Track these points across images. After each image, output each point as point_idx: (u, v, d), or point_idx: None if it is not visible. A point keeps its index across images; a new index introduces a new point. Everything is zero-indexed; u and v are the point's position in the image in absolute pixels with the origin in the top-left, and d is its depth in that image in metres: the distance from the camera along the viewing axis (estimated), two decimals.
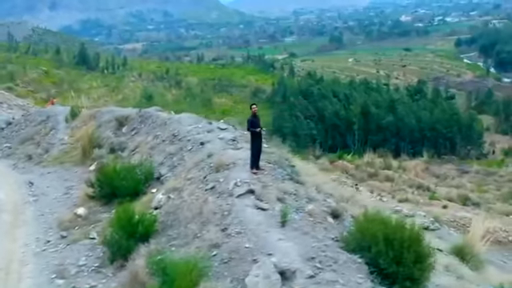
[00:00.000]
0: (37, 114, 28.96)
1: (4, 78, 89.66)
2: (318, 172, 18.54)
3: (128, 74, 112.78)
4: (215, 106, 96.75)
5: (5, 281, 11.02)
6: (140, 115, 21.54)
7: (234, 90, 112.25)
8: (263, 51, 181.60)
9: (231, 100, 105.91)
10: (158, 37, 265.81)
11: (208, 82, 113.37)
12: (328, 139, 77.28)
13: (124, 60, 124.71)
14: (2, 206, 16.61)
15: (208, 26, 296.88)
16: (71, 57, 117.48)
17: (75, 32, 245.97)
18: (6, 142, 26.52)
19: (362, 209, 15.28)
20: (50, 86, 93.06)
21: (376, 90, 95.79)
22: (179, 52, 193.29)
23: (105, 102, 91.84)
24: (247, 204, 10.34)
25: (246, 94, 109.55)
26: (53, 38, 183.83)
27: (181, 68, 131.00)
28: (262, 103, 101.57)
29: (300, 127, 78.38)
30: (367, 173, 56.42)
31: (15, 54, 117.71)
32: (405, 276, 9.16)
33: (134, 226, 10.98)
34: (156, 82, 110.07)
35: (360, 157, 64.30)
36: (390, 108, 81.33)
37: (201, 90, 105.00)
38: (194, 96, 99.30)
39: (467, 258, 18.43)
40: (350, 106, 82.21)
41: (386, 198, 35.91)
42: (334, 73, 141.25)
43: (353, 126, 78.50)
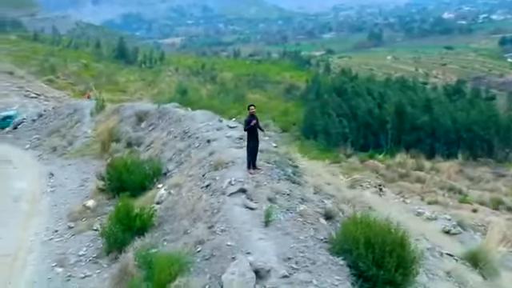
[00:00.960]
0: (65, 107, 30.09)
1: (46, 71, 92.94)
2: (325, 172, 18.49)
3: (165, 69, 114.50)
4: (248, 102, 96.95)
5: (10, 266, 11.70)
6: (158, 111, 22.08)
7: (268, 86, 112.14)
8: (300, 47, 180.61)
9: (265, 96, 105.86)
10: (197, 31, 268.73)
11: (242, 78, 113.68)
12: (360, 138, 76.30)
13: (161, 54, 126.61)
14: (22, 195, 17.52)
15: (247, 22, 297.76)
16: (111, 51, 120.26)
17: (117, 26, 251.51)
18: (35, 134, 27.72)
19: (366, 210, 15.34)
20: (88, 79, 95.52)
21: (412, 89, 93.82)
22: (217, 47, 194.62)
23: (140, 95, 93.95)
24: (236, 203, 10.59)
25: (279, 90, 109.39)
26: (95, 32, 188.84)
27: (217, 63, 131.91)
28: (296, 100, 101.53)
29: (332, 125, 77.69)
30: (398, 173, 55.79)
31: (58, 47, 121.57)
32: (386, 280, 9.19)
33: (131, 219, 11.41)
34: (191, 76, 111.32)
35: (392, 157, 63.54)
36: (425, 107, 79.54)
37: (235, 85, 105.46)
38: (228, 91, 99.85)
39: (480, 264, 18.12)
40: (384, 105, 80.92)
41: (409, 199, 35.46)
42: (371, 70, 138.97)
43: (386, 125, 77.23)
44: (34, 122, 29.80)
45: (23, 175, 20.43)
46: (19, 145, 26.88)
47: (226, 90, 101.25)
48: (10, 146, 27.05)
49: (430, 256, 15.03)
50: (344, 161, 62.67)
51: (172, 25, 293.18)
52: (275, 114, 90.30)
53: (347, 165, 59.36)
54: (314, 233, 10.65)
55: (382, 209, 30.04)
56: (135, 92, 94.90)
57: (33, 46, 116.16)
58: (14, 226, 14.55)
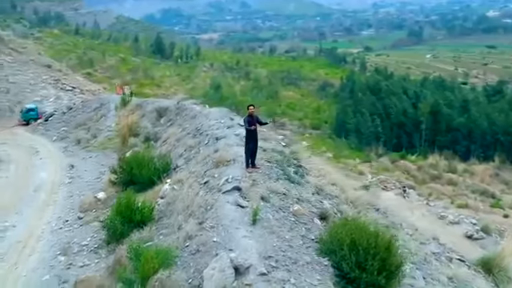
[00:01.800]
0: (93, 101, 31.07)
1: (85, 64, 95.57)
2: (336, 171, 18.52)
3: (200, 64, 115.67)
4: (281, 99, 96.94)
5: (19, 253, 12.40)
6: (177, 108, 22.56)
7: (302, 84, 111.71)
8: (337, 44, 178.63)
9: (298, 93, 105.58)
10: (235, 27, 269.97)
11: (277, 74, 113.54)
12: (393, 138, 75.29)
13: (197, 50, 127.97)
14: (42, 185, 18.37)
15: (284, 18, 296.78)
16: (148, 45, 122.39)
17: (156, 21, 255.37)
18: (63, 126, 28.81)
19: (369, 212, 15.35)
20: (125, 73, 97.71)
21: (449, 89, 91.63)
22: (253, 43, 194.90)
23: (175, 90, 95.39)
24: (229, 200, 10.85)
25: (314, 87, 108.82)
26: (134, 27, 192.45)
27: (252, 59, 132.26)
28: (329, 98, 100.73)
29: (364, 124, 76.88)
30: (429, 175, 54.81)
31: (97, 41, 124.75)
32: (369, 282, 9.29)
33: (132, 212, 11.85)
34: (226, 72, 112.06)
35: (424, 158, 62.44)
36: (462, 108, 77.65)
37: (269, 81, 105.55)
38: (261, 88, 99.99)
39: (494, 271, 17.82)
40: (419, 105, 79.43)
41: (434, 202, 34.91)
42: (409, 69, 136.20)
43: (420, 125, 75.86)
44: (64, 115, 30.95)
45: (47, 166, 21.38)
46: (48, 136, 28.06)
47: (260, 86, 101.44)
48: (39, 137, 28.28)
49: (434, 260, 14.95)
50: (375, 160, 62.03)
51: (210, 20, 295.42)
52: (307, 112, 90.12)
53: (377, 164, 58.77)
54: (305, 232, 10.82)
55: (402, 211, 29.86)
56: (170, 87, 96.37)
57: (74, 40, 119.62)
58: (29, 215, 15.34)
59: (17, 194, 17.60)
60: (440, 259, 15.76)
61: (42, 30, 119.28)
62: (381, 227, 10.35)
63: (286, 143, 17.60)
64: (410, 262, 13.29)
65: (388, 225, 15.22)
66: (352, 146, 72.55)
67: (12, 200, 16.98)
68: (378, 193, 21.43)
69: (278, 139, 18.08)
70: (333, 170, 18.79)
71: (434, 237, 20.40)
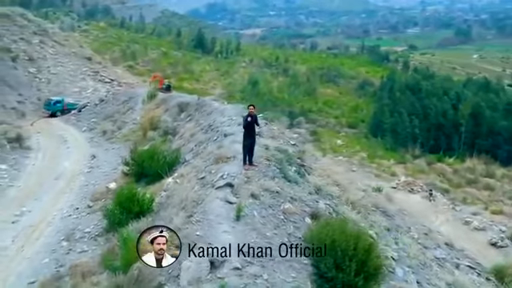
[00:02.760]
0: (122, 94, 32.12)
1: (127, 57, 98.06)
2: (346, 171, 18.55)
3: (239, 60, 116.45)
4: (319, 96, 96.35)
5: (28, 236, 13.23)
6: (197, 103, 23.10)
7: (341, 81, 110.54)
8: (381, 42, 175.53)
9: (337, 91, 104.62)
10: (278, 23, 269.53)
11: (316, 71, 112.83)
12: (430, 139, 73.69)
13: (237, 45, 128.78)
14: (63, 173, 19.34)
15: (329, 14, 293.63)
16: (190, 40, 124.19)
17: (201, 15, 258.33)
18: (94, 117, 29.98)
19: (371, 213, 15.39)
20: (166, 67, 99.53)
21: (494, 91, 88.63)
22: (295, 39, 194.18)
23: (213, 85, 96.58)
24: (219, 196, 11.21)
25: (353, 85, 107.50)
26: (179, 21, 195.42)
27: (292, 55, 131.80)
28: (368, 97, 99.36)
29: (401, 124, 75.59)
30: (466, 179, 53.44)
31: (141, 35, 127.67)
32: (345, 282, 9.46)
33: (131, 203, 12.41)
34: (265, 68, 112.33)
35: (462, 161, 60.87)
36: (506, 111, 75.09)
37: (307, 78, 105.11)
38: (299, 84, 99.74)
39: (507, 280, 17.56)
40: (460, 106, 77.33)
41: (460, 207, 34.13)
42: (454, 69, 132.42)
43: (460, 127, 73.91)
44: (96, 107, 32.17)
45: (71, 155, 22.42)
46: (78, 127, 29.30)
47: (297, 83, 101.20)
48: (71, 127, 29.57)
49: (435, 265, 14.86)
50: (410, 162, 60.98)
51: (254, 16, 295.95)
52: (345, 110, 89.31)
53: (412, 166, 57.78)
54: (293, 230, 11.07)
55: (425, 215, 29.47)
56: (209, 81, 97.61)
57: (119, 33, 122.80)
58: (45, 201, 16.25)
59: (39, 181, 18.63)
60: (444, 265, 15.63)
61: (89, 23, 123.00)
62: (363, 230, 10.40)
63: (295, 142, 17.78)
64: (406, 265, 13.34)
65: (389, 227, 15.24)
66: (387, 146, 71.41)
67: (34, 187, 18.00)
68: (391, 195, 21.26)
69: (288, 138, 18.29)
70: (343, 169, 18.79)
71: (448, 242, 20.18)
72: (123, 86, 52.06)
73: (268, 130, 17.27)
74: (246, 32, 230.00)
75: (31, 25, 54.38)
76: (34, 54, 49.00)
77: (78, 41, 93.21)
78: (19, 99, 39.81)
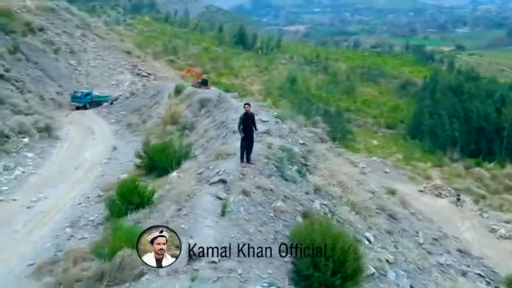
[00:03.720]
0: (151, 88, 32.96)
1: (169, 52, 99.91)
2: (357, 173, 18.49)
3: (280, 56, 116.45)
4: (358, 95, 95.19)
5: (38, 222, 14.03)
6: (217, 100, 23.51)
7: (382, 81, 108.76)
8: (428, 42, 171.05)
9: (377, 90, 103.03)
10: (323, 20, 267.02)
11: (357, 70, 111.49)
12: (471, 143, 71.54)
13: (278, 42, 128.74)
14: (83, 163, 20.21)
15: (375, 12, 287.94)
16: (231, 35, 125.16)
17: (246, 11, 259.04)
18: (123, 110, 30.98)
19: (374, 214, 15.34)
20: (206, 62, 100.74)
21: None
22: (339, 37, 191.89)
23: (251, 81, 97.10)
24: (209, 191, 11.55)
25: (394, 85, 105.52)
26: (223, 17, 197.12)
27: (333, 53, 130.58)
28: (409, 97, 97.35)
29: (440, 126, 73.73)
30: (504, 185, 51.80)
31: (184, 30, 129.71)
32: (322, 281, 9.61)
33: (132, 195, 12.93)
34: (304, 65, 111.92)
35: (502, 167, 58.90)
36: None
37: (347, 77, 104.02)
38: (338, 83, 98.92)
39: None
40: (504, 110, 74.65)
41: (487, 214, 33.20)
42: (502, 71, 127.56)
43: (502, 131, 71.40)
44: (127, 100, 33.20)
45: (95, 146, 23.35)
46: (108, 119, 30.37)
47: (336, 81, 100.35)
48: (101, 119, 30.68)
49: (435, 271, 14.71)
50: (447, 165, 59.56)
51: (298, 12, 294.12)
52: (384, 110, 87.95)
53: (449, 170, 56.43)
54: (281, 228, 11.30)
55: (450, 220, 28.85)
56: (247, 77, 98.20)
57: (162, 28, 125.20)
58: (61, 189, 17.09)
59: (60, 170, 19.56)
60: (447, 271, 15.42)
61: (134, 17, 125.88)
62: (344, 231, 10.48)
63: (304, 142, 17.88)
64: (402, 269, 13.30)
65: (391, 230, 15.15)
66: (425, 148, 69.89)
67: (54, 175, 18.93)
68: (406, 198, 21.01)
69: (300, 137, 18.42)
70: (353, 170, 18.73)
71: (462, 249, 19.82)
72: (159, 80, 53.23)
73: (278, 129, 17.45)
74: (290, 29, 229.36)
75: (74, 18, 56.33)
76: (75, 46, 50.78)
77: (122, 34, 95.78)
78: (58, 90, 41.47)
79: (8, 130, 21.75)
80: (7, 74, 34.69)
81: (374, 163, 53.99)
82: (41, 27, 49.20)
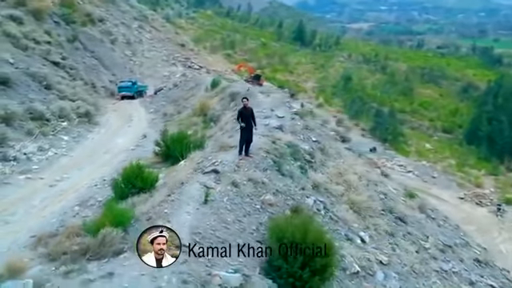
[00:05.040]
0: (191, 80, 33.94)
1: (226, 46, 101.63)
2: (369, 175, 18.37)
3: (338, 54, 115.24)
4: (416, 97, 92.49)
5: (54, 199, 15.11)
6: (245, 94, 23.96)
7: (443, 83, 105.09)
8: (498, 44, 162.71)
9: (437, 92, 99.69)
10: (388, 18, 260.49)
11: (417, 70, 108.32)
12: None
13: (337, 39, 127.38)
14: (112, 149, 21.41)
15: (444, 11, 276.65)
16: (290, 32, 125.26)
17: (310, 8, 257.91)
18: (163, 101, 32.22)
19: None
20: (262, 57, 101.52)
21: None
22: (404, 36, 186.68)
23: (306, 78, 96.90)
24: (199, 180, 12.07)
25: (456, 88, 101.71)
26: (285, 12, 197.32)
27: (394, 52, 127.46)
28: (471, 101, 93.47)
29: (499, 133, 70.51)
30: None
31: (245, 25, 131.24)
32: (290, 273, 9.91)
33: (136, 179, 13.70)
34: (362, 64, 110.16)
35: None
36: None
37: (405, 77, 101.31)
38: (396, 83, 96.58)
39: None
40: None
41: None
42: None
43: None
44: (169, 91, 34.46)
45: (128, 133, 24.56)
46: (148, 108, 31.70)
47: (394, 81, 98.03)
48: (142, 108, 32.06)
49: (436, 277, 14.54)
50: (503, 174, 57.14)
51: (363, 10, 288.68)
52: (442, 113, 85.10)
53: (505, 179, 54.19)
54: (266, 220, 11.66)
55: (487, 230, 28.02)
56: (302, 74, 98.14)
57: (223, 22, 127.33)
58: (86, 171, 18.24)
59: (90, 154, 20.82)
60: (450, 278, 15.13)
61: (197, 11, 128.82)
62: (321, 228, 10.63)
63: (317, 139, 18.02)
64: (394, 271, 13.27)
65: (393, 232, 15.05)
66: (481, 155, 67.15)
67: (83, 158, 20.19)
68: (425, 202, 20.60)
69: (313, 134, 18.57)
70: (365, 170, 18.63)
71: (482, 259, 19.23)
72: (211, 73, 54.56)
73: (291, 125, 17.72)
74: (353, 26, 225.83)
75: (133, 10, 58.79)
76: (131, 37, 53.09)
77: (182, 27, 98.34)
78: (112, 79, 43.61)
79: (49, 114, 23.32)
80: (63, 62, 36.82)
81: (422, 167, 52.75)
82: (100, 18, 51.74)
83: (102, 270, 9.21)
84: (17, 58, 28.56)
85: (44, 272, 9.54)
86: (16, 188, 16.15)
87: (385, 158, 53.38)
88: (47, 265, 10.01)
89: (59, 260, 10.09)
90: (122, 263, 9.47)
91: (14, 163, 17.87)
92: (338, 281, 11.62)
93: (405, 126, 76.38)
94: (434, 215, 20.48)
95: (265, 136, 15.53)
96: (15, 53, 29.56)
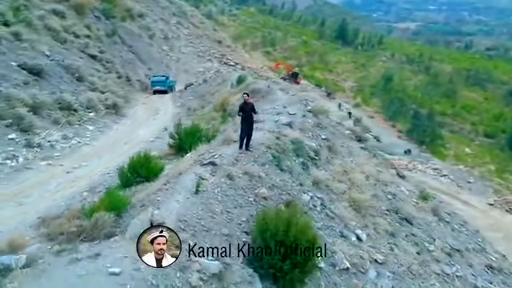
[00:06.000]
0: (220, 76, 34.48)
1: (267, 43, 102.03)
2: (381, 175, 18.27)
3: (380, 53, 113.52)
4: (459, 99, 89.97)
5: (67, 185, 15.93)
6: (266, 91, 24.29)
7: (490, 86, 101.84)
8: None
9: (482, 96, 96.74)
10: (436, 18, 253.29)
11: (462, 73, 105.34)
12: None
13: (380, 38, 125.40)
14: (132, 140, 22.20)
15: (496, 12, 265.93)
16: (332, 30, 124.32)
17: (355, 6, 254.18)
18: (191, 95, 32.94)
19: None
20: (302, 55, 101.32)
21: None
22: (452, 36, 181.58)
23: (346, 77, 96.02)
24: (195, 171, 12.47)
25: (501, 91, 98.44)
26: (330, 10, 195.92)
27: (439, 53, 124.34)
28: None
29: None
30: None
31: (287, 22, 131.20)
32: (270, 264, 10.20)
33: (141, 168, 14.28)
34: (405, 64, 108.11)
35: None
36: None
37: (449, 79, 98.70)
38: (439, 84, 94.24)
39: None
40: None
41: None
42: None
43: None
44: (199, 86, 35.17)
45: (152, 125, 25.35)
46: (176, 102, 32.51)
47: (437, 82, 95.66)
48: (170, 102, 32.92)
49: (435, 279, 14.44)
50: None
51: (411, 9, 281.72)
52: (485, 117, 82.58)
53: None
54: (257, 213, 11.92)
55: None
56: (341, 73, 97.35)
57: (265, 19, 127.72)
58: (103, 160, 19.07)
59: (111, 144, 21.69)
60: (451, 282, 14.95)
61: (240, 8, 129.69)
62: (306, 223, 10.77)
63: (326, 137, 18.10)
64: (389, 270, 13.29)
65: (394, 233, 15.00)
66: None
67: (104, 147, 21.08)
68: (440, 205, 20.25)
69: (325, 132, 18.65)
70: (375, 170, 18.51)
71: (496, 266, 18.79)
72: (245, 70, 55.11)
73: (302, 123, 17.89)
74: (400, 26, 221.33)
75: (172, 6, 60.06)
76: (169, 33, 54.30)
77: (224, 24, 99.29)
78: (148, 73, 44.87)
79: (77, 105, 24.40)
80: (100, 55, 38.23)
81: (458, 172, 51.51)
82: (140, 13, 53.21)
83: (90, 251, 9.74)
84: (54, 50, 29.92)
85: (40, 250, 10.17)
86: (36, 173, 17.11)
87: (419, 161, 52.46)
88: (45, 244, 10.67)
89: (56, 240, 10.75)
90: (111, 245, 9.99)
91: (38, 150, 18.89)
92: (326, 276, 11.79)
93: (444, 128, 74.63)
94: (449, 219, 20.12)
95: (271, 132, 15.78)
96: (54, 45, 30.97)
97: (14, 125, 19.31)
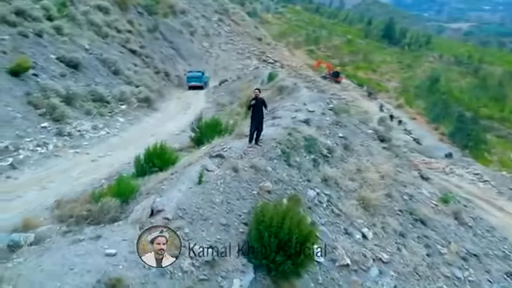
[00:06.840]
0: (252, 73, 34.82)
1: (310, 41, 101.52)
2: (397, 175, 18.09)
3: (427, 54, 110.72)
4: (509, 103, 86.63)
5: (90, 172, 16.72)
6: (292, 88, 24.43)
7: None
8: None
9: None
10: (491, 19, 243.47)
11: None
12: None
13: (428, 38, 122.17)
14: (160, 133, 22.96)
15: None
16: (379, 29, 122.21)
17: (406, 5, 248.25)
18: (223, 91, 33.46)
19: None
20: (345, 54, 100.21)
21: None
22: (507, 38, 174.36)
23: (390, 77, 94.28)
24: (203, 163, 12.84)
25: None
26: (379, 9, 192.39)
27: (491, 55, 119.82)
28: None
29: None
30: None
31: (333, 21, 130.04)
32: (264, 255, 10.45)
33: (156, 158, 14.83)
34: (454, 66, 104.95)
35: None
36: None
37: (499, 82, 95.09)
38: (487, 87, 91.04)
39: None
40: None
41: None
42: None
43: None
44: (234, 82, 35.68)
45: (180, 119, 26.02)
46: (208, 97, 33.14)
47: (486, 85, 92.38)
48: (203, 97, 33.64)
49: (443, 282, 14.30)
50: None
51: (464, 9, 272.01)
52: None
53: None
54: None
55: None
56: (385, 73, 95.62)
57: (311, 17, 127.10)
58: (128, 150, 19.73)
59: (139, 135, 22.46)
60: (462, 286, 14.68)
61: (286, 6, 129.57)
62: (302, 218, 10.89)
63: (344, 135, 18.08)
64: (393, 270, 13.26)
65: (404, 233, 14.87)
66: None
67: (131, 139, 21.87)
68: (462, 208, 19.81)
69: (343, 130, 18.63)
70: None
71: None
72: (284, 68, 55.23)
73: (319, 120, 17.97)
74: (451, 26, 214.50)
75: (214, 4, 60.87)
76: (210, 30, 55.13)
77: (269, 21, 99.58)
78: (187, 69, 45.81)
79: (110, 97, 25.37)
80: (140, 50, 39.44)
81: (501, 178, 49.72)
82: (182, 10, 54.33)
83: (93, 233, 10.30)
84: (94, 44, 31.15)
85: (50, 230, 10.85)
86: (64, 160, 18.02)
87: (459, 165, 51.02)
88: (56, 225, 11.36)
89: (66, 222, 11.41)
90: (112, 229, 10.53)
91: (68, 138, 19.85)
92: (325, 270, 11.91)
93: (491, 133, 72.16)
94: (472, 223, 19.70)
95: (285, 128, 15.96)
96: (95, 40, 32.25)
97: (47, 114, 20.35)
